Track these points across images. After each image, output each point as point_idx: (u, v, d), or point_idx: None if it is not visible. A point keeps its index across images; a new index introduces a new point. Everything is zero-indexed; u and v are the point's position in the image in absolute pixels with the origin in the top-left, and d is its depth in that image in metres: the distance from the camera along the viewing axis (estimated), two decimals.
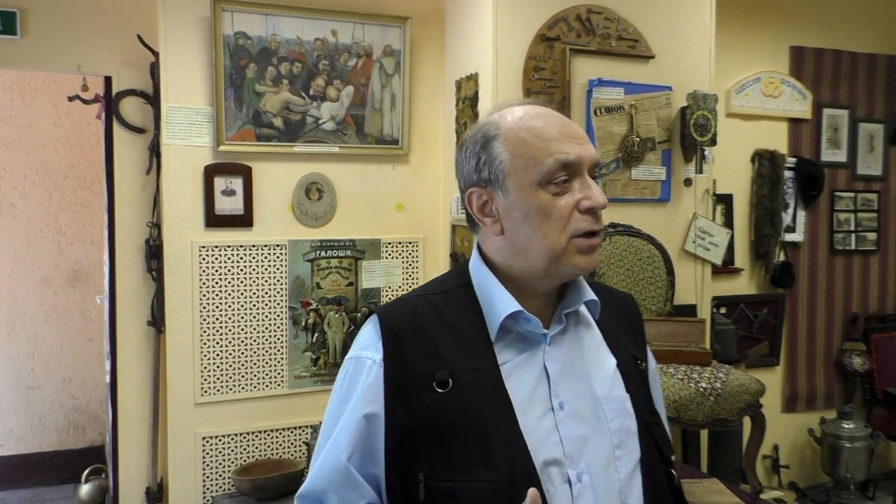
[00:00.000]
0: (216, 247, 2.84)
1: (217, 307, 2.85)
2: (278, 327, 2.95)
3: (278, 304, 2.94)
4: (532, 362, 1.07)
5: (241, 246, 2.88)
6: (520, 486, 0.96)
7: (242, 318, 2.89)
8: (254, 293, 2.90)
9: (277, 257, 2.93)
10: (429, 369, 1.03)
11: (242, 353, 2.90)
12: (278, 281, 2.94)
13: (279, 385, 2.96)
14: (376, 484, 1.05)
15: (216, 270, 2.85)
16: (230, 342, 2.88)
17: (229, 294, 2.87)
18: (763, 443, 2.59)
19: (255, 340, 2.92)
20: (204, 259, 2.82)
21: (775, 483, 3.73)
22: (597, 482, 1.03)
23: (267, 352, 2.94)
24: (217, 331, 2.86)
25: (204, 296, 2.83)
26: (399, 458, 1.02)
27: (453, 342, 1.06)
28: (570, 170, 1.04)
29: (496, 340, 1.06)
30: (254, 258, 2.90)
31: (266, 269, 2.92)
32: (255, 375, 2.92)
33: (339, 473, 1.04)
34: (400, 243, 3.14)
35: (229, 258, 2.86)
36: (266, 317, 2.93)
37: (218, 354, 2.86)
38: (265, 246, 2.91)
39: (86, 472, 3.42)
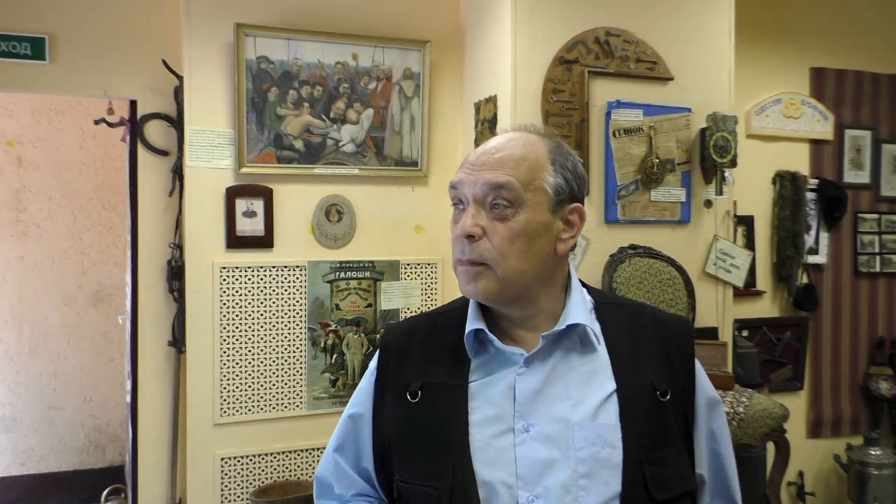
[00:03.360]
0: (237, 268, 2.87)
1: (237, 328, 2.87)
2: (297, 348, 2.96)
3: (297, 325, 2.95)
4: (501, 382, 1.08)
5: (262, 267, 2.90)
6: (458, 497, 1.02)
7: (262, 338, 2.91)
8: (273, 314, 2.92)
9: (297, 278, 2.95)
10: (406, 380, 1.12)
11: (262, 374, 2.91)
12: (298, 302, 2.95)
13: (298, 406, 2.96)
14: (371, 479, 1.18)
15: (237, 291, 2.87)
16: (250, 363, 2.89)
17: (249, 315, 2.89)
18: (787, 469, 2.55)
19: (274, 361, 2.92)
20: (225, 280, 2.85)
21: None
22: None
23: (286, 373, 2.94)
24: (237, 351, 2.87)
25: (224, 316, 2.85)
26: (382, 457, 1.14)
27: (435, 357, 1.13)
28: (461, 196, 1.09)
29: (474, 358, 1.11)
30: (274, 279, 2.92)
31: (286, 290, 2.93)
32: (273, 396, 2.93)
33: (331, 462, 1.21)
34: (419, 265, 3.15)
35: (250, 279, 2.89)
36: (285, 338, 2.94)
37: (237, 375, 2.88)
38: (285, 267, 2.93)
39: (105, 491, 3.44)
